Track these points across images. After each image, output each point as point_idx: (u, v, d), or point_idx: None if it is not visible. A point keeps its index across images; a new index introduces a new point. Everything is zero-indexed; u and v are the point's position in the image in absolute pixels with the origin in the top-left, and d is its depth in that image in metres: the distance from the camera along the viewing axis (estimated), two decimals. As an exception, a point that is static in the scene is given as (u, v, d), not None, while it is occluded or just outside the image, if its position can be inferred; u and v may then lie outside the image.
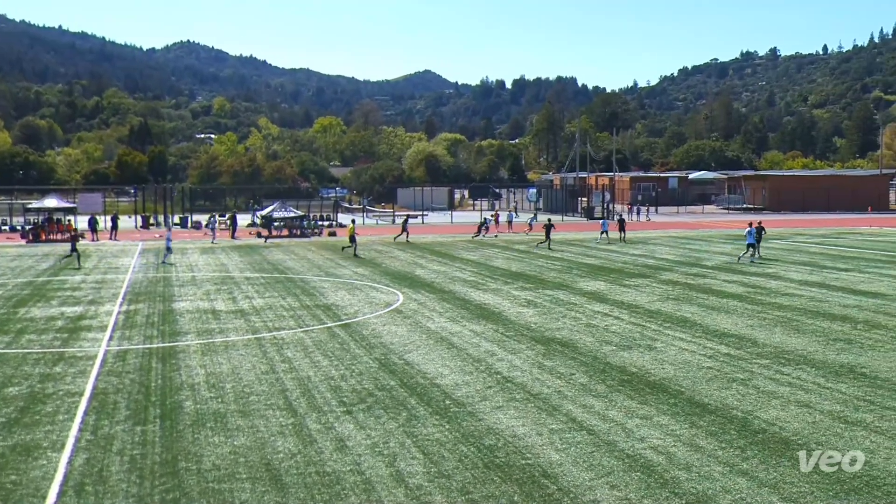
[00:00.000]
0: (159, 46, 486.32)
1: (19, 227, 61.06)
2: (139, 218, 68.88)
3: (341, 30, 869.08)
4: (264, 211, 61.53)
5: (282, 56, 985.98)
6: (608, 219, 60.84)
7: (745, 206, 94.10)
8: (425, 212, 79.27)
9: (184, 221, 68.14)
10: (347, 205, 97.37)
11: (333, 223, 66.39)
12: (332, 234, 57.71)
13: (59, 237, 53.97)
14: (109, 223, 56.40)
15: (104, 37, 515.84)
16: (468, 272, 34.63)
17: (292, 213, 59.50)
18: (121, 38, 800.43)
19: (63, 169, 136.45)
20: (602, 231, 51.27)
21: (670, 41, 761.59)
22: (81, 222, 56.53)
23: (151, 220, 68.71)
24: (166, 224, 65.69)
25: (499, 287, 29.83)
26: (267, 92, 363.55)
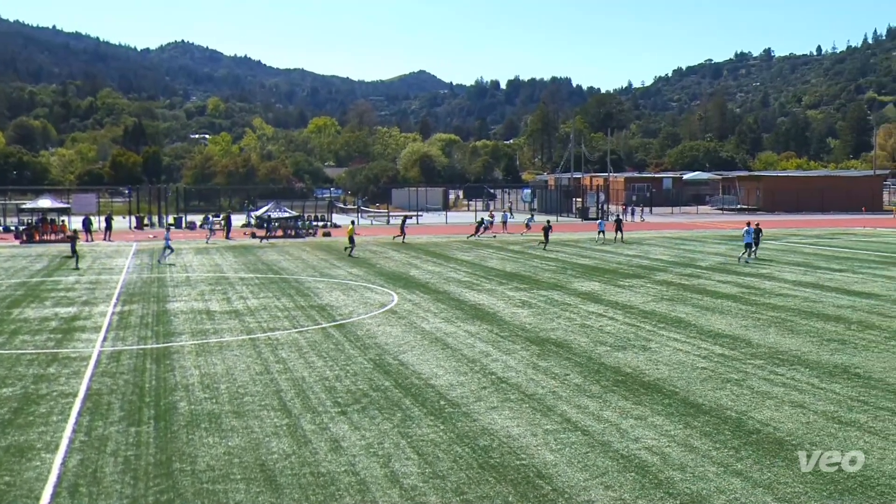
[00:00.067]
0: (153, 46, 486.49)
1: (13, 228, 60.90)
2: (133, 218, 68.79)
3: (336, 30, 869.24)
4: (259, 211, 61.55)
5: (276, 56, 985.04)
6: (605, 219, 60.89)
7: (740, 207, 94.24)
8: (420, 212, 79.29)
9: (178, 222, 68.09)
10: (342, 205, 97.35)
11: (328, 224, 66.45)
12: (327, 235, 57.77)
13: (53, 238, 53.86)
14: (104, 224, 56.28)
15: (98, 37, 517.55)
16: (463, 273, 34.64)
17: (287, 214, 59.55)
18: (115, 39, 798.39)
19: (57, 169, 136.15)
20: (599, 231, 51.41)
21: (665, 42, 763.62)
22: (75, 223, 56.37)
23: (146, 221, 68.68)
24: (162, 224, 65.56)
25: (493, 288, 29.84)
26: (261, 92, 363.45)
